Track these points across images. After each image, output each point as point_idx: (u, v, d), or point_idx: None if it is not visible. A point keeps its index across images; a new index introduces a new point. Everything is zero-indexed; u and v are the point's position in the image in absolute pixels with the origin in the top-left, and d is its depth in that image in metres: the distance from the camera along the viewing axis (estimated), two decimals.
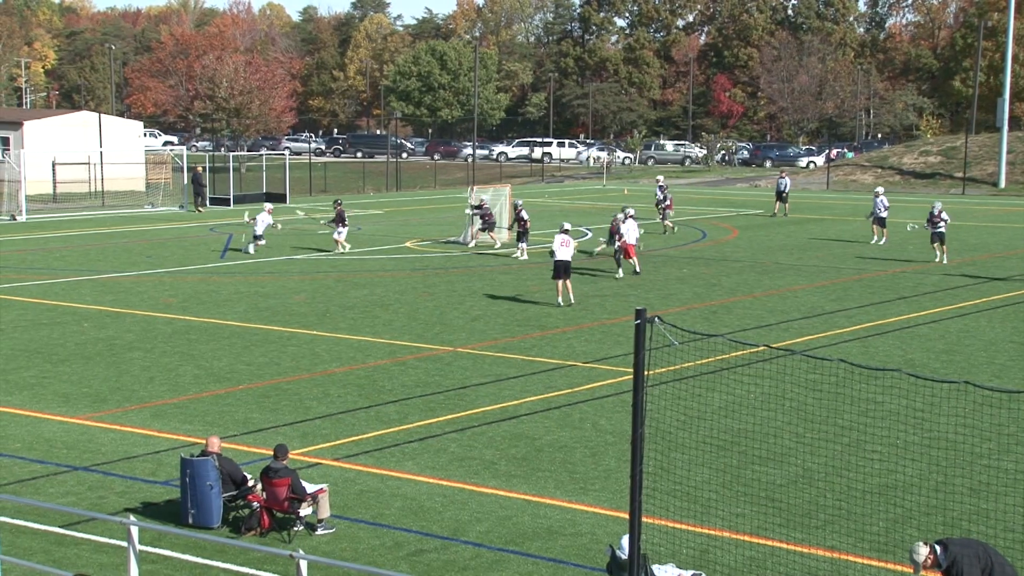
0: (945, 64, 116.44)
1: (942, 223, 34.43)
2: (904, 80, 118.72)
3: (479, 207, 37.37)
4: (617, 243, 30.85)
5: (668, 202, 42.60)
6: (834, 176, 72.33)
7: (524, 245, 34.43)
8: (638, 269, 30.89)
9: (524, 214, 34.98)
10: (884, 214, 39.00)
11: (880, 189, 41.09)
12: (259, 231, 36.08)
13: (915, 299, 27.53)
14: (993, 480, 13.83)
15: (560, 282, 26.03)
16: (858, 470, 14.20)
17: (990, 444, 15.18)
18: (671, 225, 42.06)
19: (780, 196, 49.24)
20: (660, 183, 43.74)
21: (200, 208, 51.72)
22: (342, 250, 35.52)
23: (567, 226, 26.82)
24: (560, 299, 26.03)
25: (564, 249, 25.97)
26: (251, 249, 35.59)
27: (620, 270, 30.31)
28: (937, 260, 33.79)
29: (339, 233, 35.82)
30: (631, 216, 31.24)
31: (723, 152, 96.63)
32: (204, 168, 55.67)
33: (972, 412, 15.68)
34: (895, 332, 23.39)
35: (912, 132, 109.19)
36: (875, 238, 38.80)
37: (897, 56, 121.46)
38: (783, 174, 51.40)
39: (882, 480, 14.01)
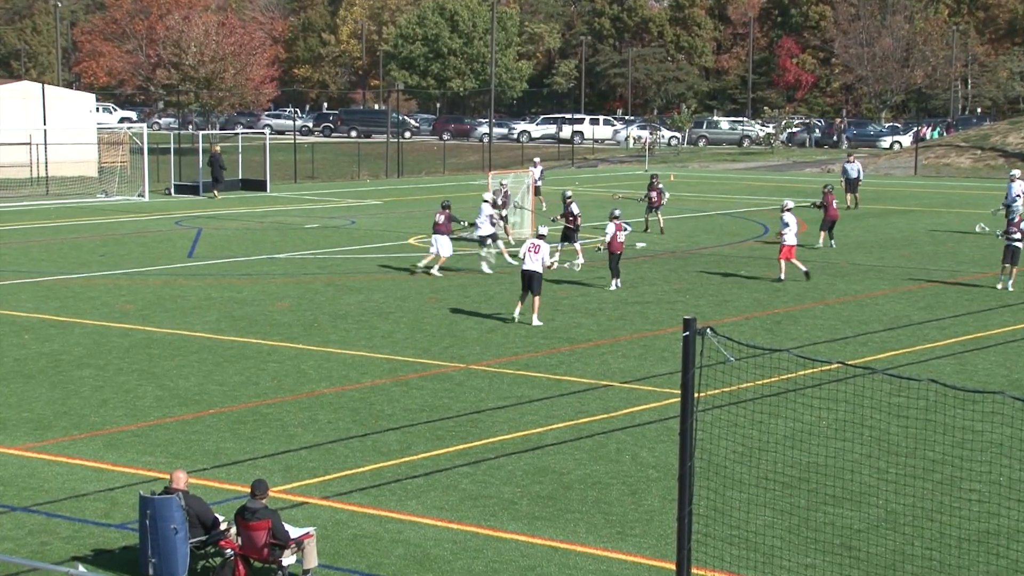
0: None
1: (1018, 233, 29.74)
2: (1010, 43, 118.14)
3: (499, 201, 37.20)
4: (600, 247, 30.80)
5: (657, 195, 40.50)
6: (923, 159, 72.12)
7: (578, 246, 32.35)
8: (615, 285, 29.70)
9: (575, 207, 34.26)
10: (1020, 203, 38.75)
11: (1016, 172, 40.86)
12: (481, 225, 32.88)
13: (1021, 307, 27.40)
14: None
15: (527, 296, 25.31)
16: (952, 513, 14.14)
17: None
18: (662, 224, 40.65)
19: (850, 184, 48.79)
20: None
21: (217, 194, 53.83)
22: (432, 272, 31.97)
23: (543, 231, 26.43)
24: (517, 312, 25.38)
25: (532, 256, 25.22)
26: (485, 267, 32.35)
27: (614, 281, 29.47)
28: (1000, 286, 29.74)
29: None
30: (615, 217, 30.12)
31: (799, 129, 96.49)
32: (219, 149, 56.54)
33: None
34: (997, 347, 23.29)
35: (1019, 106, 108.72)
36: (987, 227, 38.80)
37: (1001, 14, 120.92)
38: (852, 158, 51.12)
39: (981, 525, 13.95)
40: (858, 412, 17.63)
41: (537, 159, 49.04)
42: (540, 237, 25.94)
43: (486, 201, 34.09)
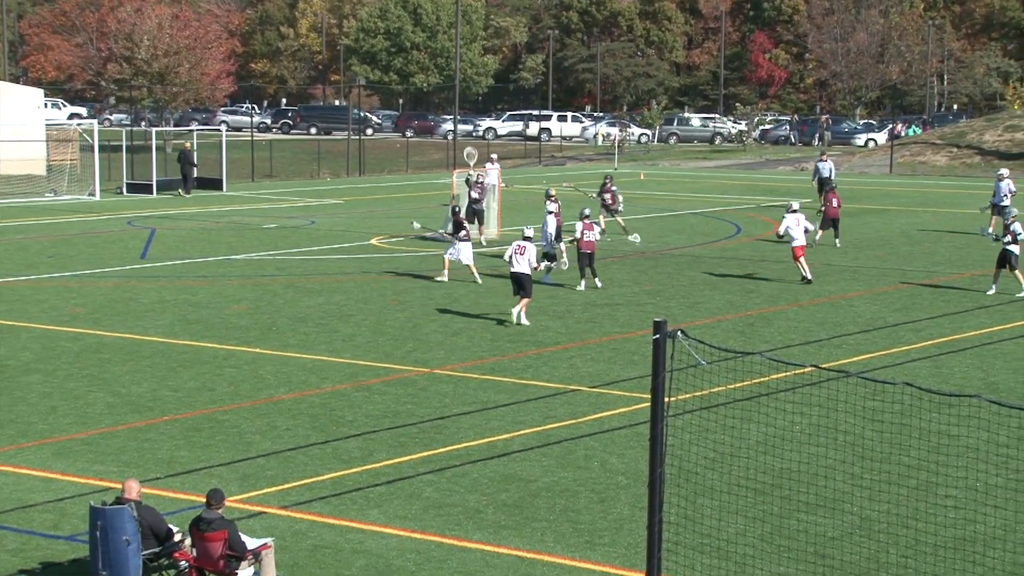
0: None
1: (1008, 236, 28.86)
2: (986, 39, 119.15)
3: (474, 195, 37.17)
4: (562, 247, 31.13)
5: (611, 197, 39.63)
6: (899, 157, 72.57)
7: (563, 246, 32.34)
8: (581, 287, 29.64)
9: (613, 187, 38.98)
10: (1008, 203, 39.27)
11: (1005, 171, 41.35)
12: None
13: (999, 309, 27.61)
14: None
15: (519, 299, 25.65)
16: (928, 519, 14.23)
17: None
18: (623, 224, 40.12)
19: (822, 183, 48.85)
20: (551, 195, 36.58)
21: (185, 192, 53.88)
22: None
23: (529, 232, 26.42)
24: (515, 314, 25.62)
25: (518, 258, 25.47)
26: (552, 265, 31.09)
27: (583, 281, 29.56)
28: (991, 291, 29.05)
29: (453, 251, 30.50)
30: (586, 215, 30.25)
31: (772, 127, 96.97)
32: (190, 145, 56.66)
33: None
34: (974, 349, 23.46)
35: (995, 103, 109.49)
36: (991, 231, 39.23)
37: (977, 9, 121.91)
38: (824, 156, 51.31)
39: (958, 532, 14.04)
40: (832, 416, 17.72)
41: (494, 156, 48.55)
42: (526, 239, 26.01)
43: (551, 212, 32.35)
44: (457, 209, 32.13)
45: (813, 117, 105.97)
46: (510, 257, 25.74)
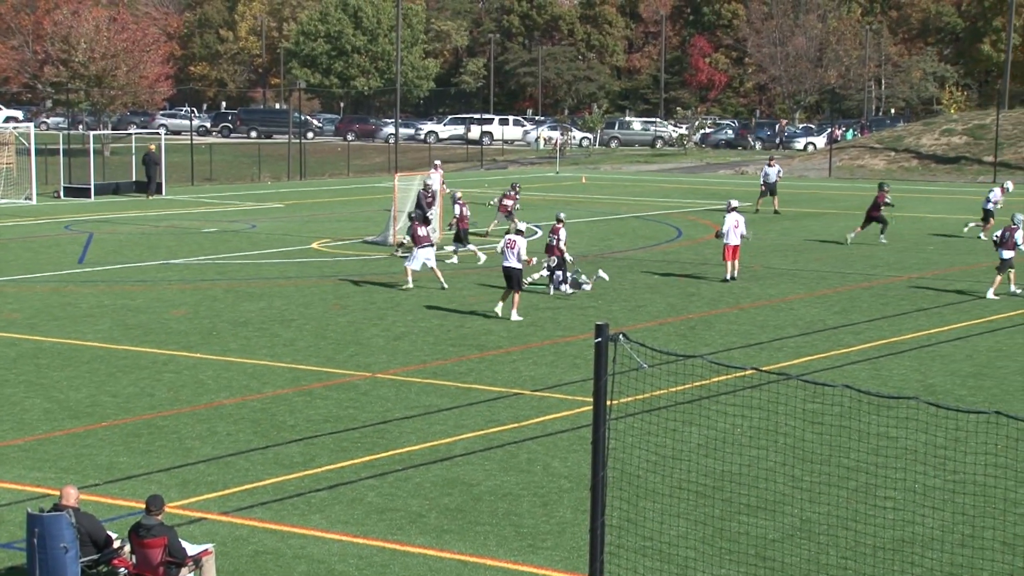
0: (972, 24, 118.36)
1: (1015, 239, 29.38)
2: (922, 43, 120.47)
3: (425, 202, 37.10)
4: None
5: (513, 202, 39.74)
6: (838, 161, 73.25)
7: (472, 247, 33.77)
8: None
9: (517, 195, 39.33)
10: (992, 207, 40.62)
11: (1010, 185, 43.71)
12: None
13: (936, 311, 27.91)
14: None
15: (509, 293, 26.61)
16: (868, 521, 14.35)
17: None
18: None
19: (770, 188, 49.50)
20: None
21: (149, 195, 54.74)
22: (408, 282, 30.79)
23: (521, 226, 27.60)
24: (499, 308, 26.59)
25: (509, 252, 26.35)
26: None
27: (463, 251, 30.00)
28: (989, 294, 29.43)
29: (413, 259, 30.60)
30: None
31: (712, 130, 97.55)
32: (155, 148, 56.81)
33: (1006, 449, 15.91)
34: (912, 352, 23.70)
35: (932, 107, 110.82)
36: (982, 234, 40.11)
37: (914, 14, 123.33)
38: (772, 161, 51.78)
39: (897, 533, 14.17)
40: (773, 419, 17.84)
41: (438, 162, 48.24)
42: (518, 232, 26.84)
43: (559, 221, 31.16)
44: (413, 216, 31.99)
45: (760, 121, 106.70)
46: (502, 250, 26.57)
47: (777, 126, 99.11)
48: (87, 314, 26.87)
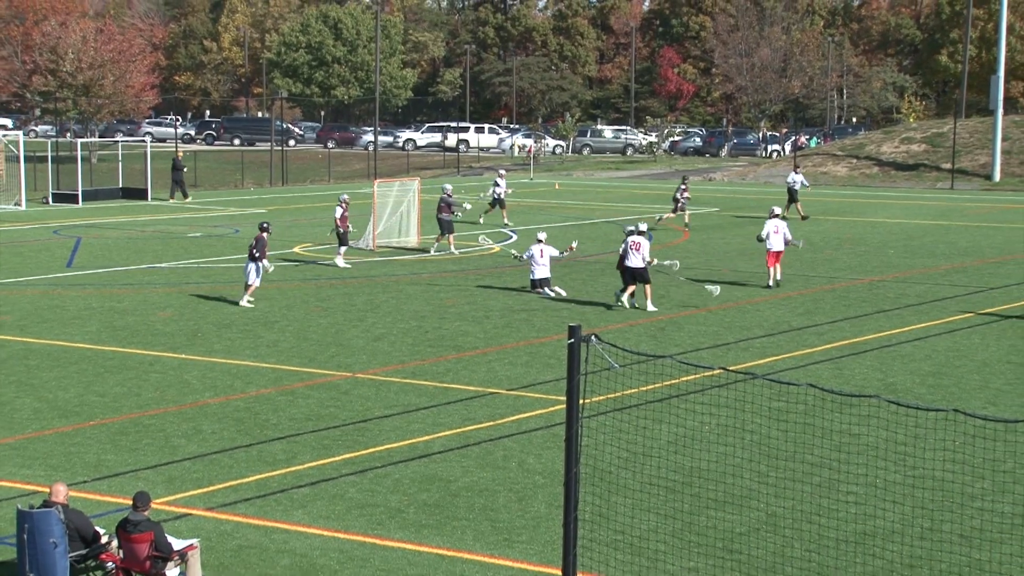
0: (930, 36, 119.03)
1: None
2: (882, 55, 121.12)
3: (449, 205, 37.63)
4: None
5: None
6: (801, 167, 73.36)
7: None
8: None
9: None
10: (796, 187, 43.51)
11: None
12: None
13: (897, 313, 28.04)
14: (988, 525, 14.11)
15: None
16: (831, 515, 14.41)
17: (984, 483, 15.50)
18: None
19: (792, 196, 49.50)
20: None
21: (173, 198, 55.89)
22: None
23: (643, 226, 28.42)
24: (626, 298, 27.90)
25: (633, 254, 27.58)
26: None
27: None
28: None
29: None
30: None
31: (682, 137, 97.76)
32: (183, 154, 58.50)
33: (963, 446, 16.00)
34: (874, 352, 23.80)
35: (892, 116, 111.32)
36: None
37: (874, 26, 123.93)
38: (797, 168, 52.07)
39: (859, 527, 14.23)
40: (740, 417, 17.90)
41: (503, 170, 48.18)
42: (641, 234, 27.89)
43: (540, 241, 30.75)
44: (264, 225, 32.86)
45: (724, 129, 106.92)
46: (624, 251, 27.78)
47: (793, 137, 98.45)
48: (75, 316, 26.76)
